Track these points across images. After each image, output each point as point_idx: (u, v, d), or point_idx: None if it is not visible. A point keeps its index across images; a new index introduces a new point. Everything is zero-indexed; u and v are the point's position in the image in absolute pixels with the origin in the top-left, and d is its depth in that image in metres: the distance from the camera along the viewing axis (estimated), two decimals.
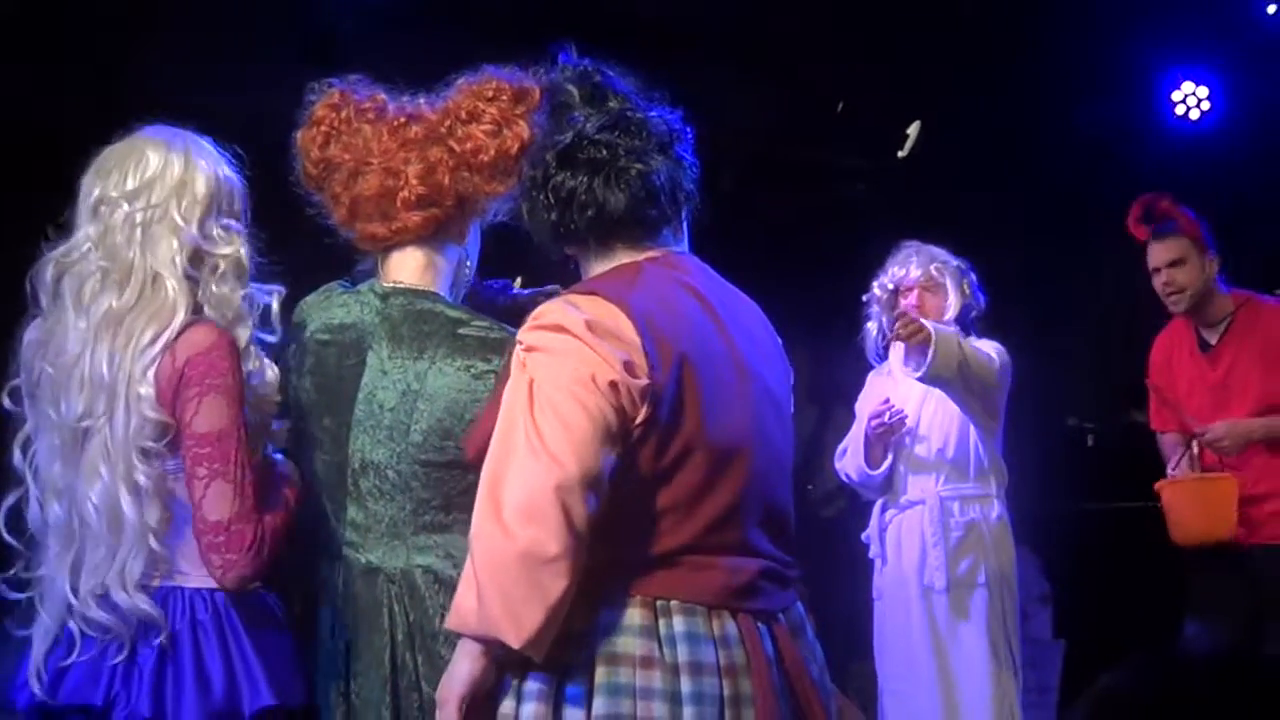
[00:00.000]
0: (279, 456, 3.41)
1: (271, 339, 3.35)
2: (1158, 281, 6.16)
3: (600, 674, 2.81)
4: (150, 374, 3.12)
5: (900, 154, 9.39)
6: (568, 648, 2.82)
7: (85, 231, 3.20)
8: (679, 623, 2.83)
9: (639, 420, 2.80)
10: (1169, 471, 6.16)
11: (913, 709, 5.81)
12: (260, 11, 7.06)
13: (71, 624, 3.14)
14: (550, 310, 2.90)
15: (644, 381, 2.80)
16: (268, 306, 3.34)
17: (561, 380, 2.78)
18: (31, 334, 3.26)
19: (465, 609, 2.82)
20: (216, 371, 3.13)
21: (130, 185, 3.19)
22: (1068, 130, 8.92)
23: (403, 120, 3.47)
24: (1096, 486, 8.21)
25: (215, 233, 3.22)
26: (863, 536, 6.12)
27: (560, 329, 2.83)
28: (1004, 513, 5.89)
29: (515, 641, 2.74)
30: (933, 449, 5.92)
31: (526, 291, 3.90)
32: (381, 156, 3.46)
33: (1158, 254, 6.12)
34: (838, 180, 9.71)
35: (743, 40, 8.12)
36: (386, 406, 3.39)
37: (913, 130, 9.31)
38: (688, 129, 3.13)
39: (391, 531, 3.39)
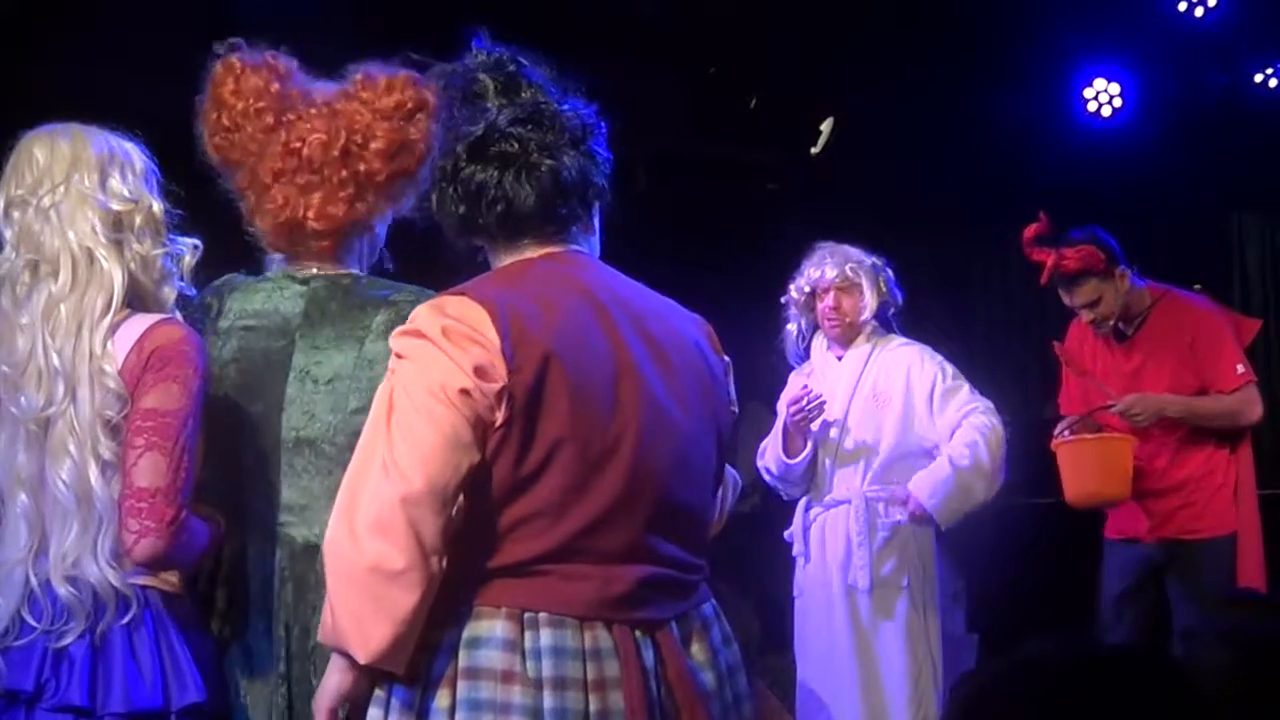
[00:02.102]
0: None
1: (190, 293, 3.34)
2: (1079, 313, 6.18)
3: (461, 688, 2.76)
4: (110, 345, 3.13)
5: (813, 150, 9.39)
6: (434, 660, 2.79)
7: (7, 240, 3.22)
8: (545, 636, 2.76)
9: (497, 424, 2.76)
10: (1060, 432, 6.17)
11: (832, 706, 5.80)
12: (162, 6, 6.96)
13: (22, 611, 3.11)
14: (418, 314, 2.85)
15: (498, 384, 2.74)
16: (182, 257, 3.31)
17: (415, 390, 2.75)
18: None
19: (326, 621, 2.80)
20: (178, 363, 3.13)
21: (29, 180, 3.21)
22: (981, 126, 8.97)
23: (296, 145, 3.46)
24: (1010, 482, 8.22)
25: (124, 191, 3.23)
26: (785, 534, 6.09)
27: (419, 334, 2.80)
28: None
29: (361, 656, 2.73)
30: (860, 449, 5.91)
31: None
32: (275, 177, 3.47)
33: (1073, 299, 6.14)
34: (750, 176, 9.71)
35: (654, 34, 8.09)
36: (322, 381, 3.41)
37: (826, 126, 9.32)
38: (601, 123, 3.08)
39: (329, 506, 3.37)
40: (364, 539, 2.70)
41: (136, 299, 3.22)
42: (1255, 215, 10.33)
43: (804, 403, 5.82)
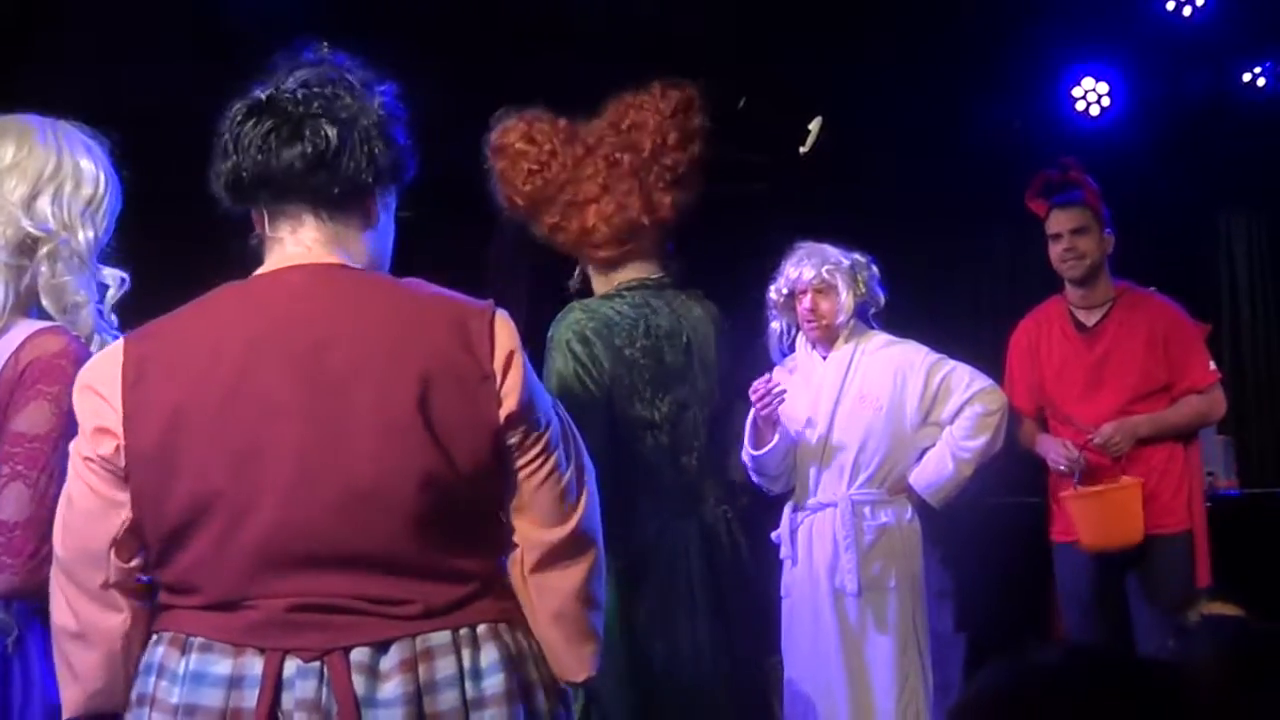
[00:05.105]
0: None
1: (113, 335, 3.17)
2: (1057, 248, 6.20)
3: (129, 717, 2.74)
4: None
5: (802, 150, 9.39)
6: (130, 690, 2.76)
7: None
8: (194, 661, 2.64)
9: (128, 479, 2.66)
10: (1058, 474, 6.21)
11: (820, 706, 5.78)
12: (156, 8, 6.95)
13: None
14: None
15: (114, 444, 2.64)
16: (105, 289, 3.22)
17: (70, 451, 2.75)
18: None
19: None
20: (53, 378, 3.00)
21: None
22: (969, 126, 8.97)
23: (617, 157, 4.48)
24: (993, 481, 8.22)
25: (48, 213, 3.12)
26: (772, 536, 6.06)
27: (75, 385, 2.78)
28: (915, 516, 5.89)
29: (65, 713, 2.77)
30: (846, 451, 5.88)
31: None
32: (602, 190, 4.42)
33: (1061, 221, 6.17)
34: (739, 176, 9.69)
35: (642, 35, 8.08)
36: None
37: (814, 126, 9.31)
38: (402, 115, 2.85)
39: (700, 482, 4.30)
40: (54, 597, 2.75)
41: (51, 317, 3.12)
42: (1242, 214, 10.35)
43: (761, 392, 5.77)
